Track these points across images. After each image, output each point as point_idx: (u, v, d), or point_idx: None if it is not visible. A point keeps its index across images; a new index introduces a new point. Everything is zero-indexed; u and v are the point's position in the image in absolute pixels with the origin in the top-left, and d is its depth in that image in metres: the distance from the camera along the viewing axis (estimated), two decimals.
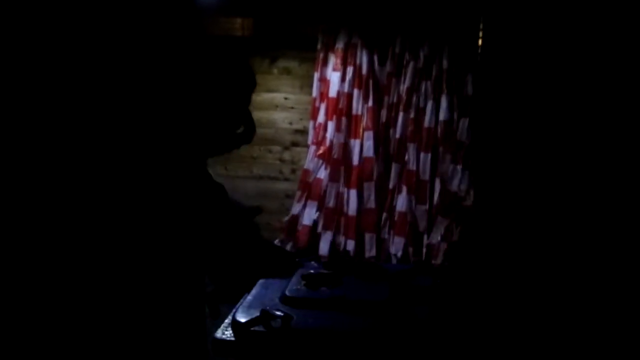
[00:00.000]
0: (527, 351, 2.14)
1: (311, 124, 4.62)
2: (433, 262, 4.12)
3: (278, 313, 2.01)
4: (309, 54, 4.61)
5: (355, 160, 4.46)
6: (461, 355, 1.97)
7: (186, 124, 1.61)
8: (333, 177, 4.48)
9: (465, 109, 4.29)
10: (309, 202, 4.56)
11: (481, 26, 3.96)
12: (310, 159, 4.59)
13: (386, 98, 4.49)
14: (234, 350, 2.06)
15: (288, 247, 4.50)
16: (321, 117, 4.55)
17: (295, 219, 4.59)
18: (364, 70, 4.44)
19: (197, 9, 1.76)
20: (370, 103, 4.42)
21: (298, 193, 4.64)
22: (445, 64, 4.30)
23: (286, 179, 4.95)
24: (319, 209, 4.53)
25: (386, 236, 4.43)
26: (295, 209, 4.62)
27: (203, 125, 1.70)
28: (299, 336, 1.97)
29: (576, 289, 2.70)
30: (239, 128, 1.79)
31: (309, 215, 4.54)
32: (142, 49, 1.46)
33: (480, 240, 3.37)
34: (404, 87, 4.40)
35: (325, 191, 4.51)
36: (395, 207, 4.41)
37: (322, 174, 4.54)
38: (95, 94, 1.37)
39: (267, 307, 2.05)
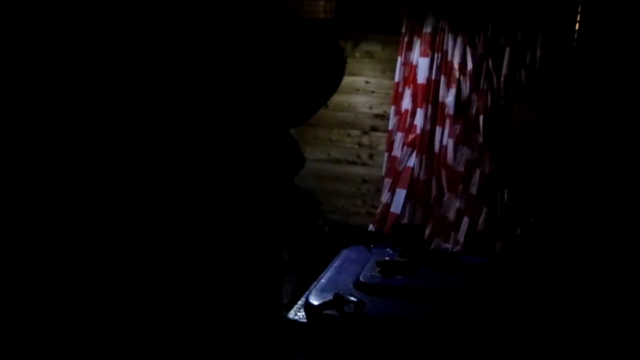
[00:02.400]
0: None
1: (392, 109, 4.54)
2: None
3: (352, 298, 2.00)
4: (393, 38, 4.51)
5: (436, 148, 4.37)
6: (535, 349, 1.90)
7: (275, 98, 1.62)
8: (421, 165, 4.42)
9: None
10: (397, 190, 4.50)
11: (579, 10, 3.74)
12: (397, 147, 4.51)
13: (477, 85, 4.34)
14: (305, 332, 2.07)
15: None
16: (407, 104, 4.46)
17: (386, 207, 4.55)
18: (451, 57, 4.31)
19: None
20: (453, 92, 4.30)
21: (387, 181, 4.59)
22: (538, 51, 4.11)
23: (363, 164, 4.90)
24: (407, 197, 4.47)
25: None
26: (385, 197, 4.58)
27: (291, 100, 1.71)
28: (371, 322, 1.96)
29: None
30: (322, 106, 1.79)
31: (397, 203, 4.48)
32: (233, 31, 1.47)
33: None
34: (501, 75, 4.24)
35: (414, 179, 4.45)
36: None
37: (412, 162, 4.47)
38: (193, 71, 1.39)
39: (341, 292, 2.05)
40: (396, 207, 4.45)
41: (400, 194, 4.49)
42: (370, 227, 4.46)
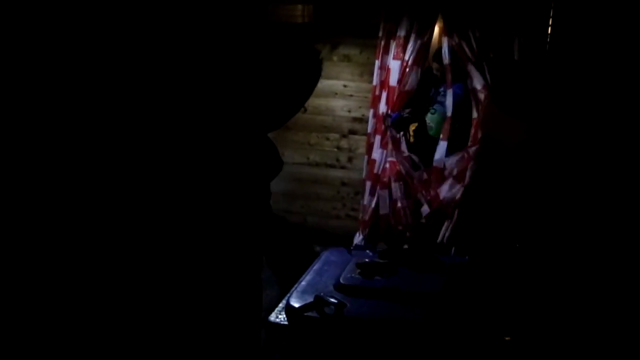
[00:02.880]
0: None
1: (371, 112, 4.57)
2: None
3: (332, 300, 2.01)
4: (370, 41, 4.55)
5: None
6: (516, 347, 1.93)
7: (254, 101, 1.63)
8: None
9: None
10: (380, 192, 4.53)
11: (551, 14, 3.81)
12: (375, 149, 4.52)
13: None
14: (286, 334, 2.08)
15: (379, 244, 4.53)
16: (382, 106, 4.50)
17: (372, 210, 4.58)
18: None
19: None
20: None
21: (368, 184, 4.61)
22: (516, 55, 4.18)
23: (342, 167, 4.93)
24: (389, 198, 4.51)
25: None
26: (367, 200, 4.61)
27: (268, 104, 1.72)
28: (351, 324, 1.98)
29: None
30: (299, 109, 1.81)
31: (384, 204, 4.50)
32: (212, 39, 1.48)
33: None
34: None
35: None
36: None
37: (389, 163, 4.50)
38: (171, 79, 1.40)
39: (321, 294, 2.06)
40: (384, 208, 4.48)
41: (384, 194, 4.52)
42: (359, 236, 4.47)
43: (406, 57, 4.36)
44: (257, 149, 1.73)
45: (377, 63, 4.54)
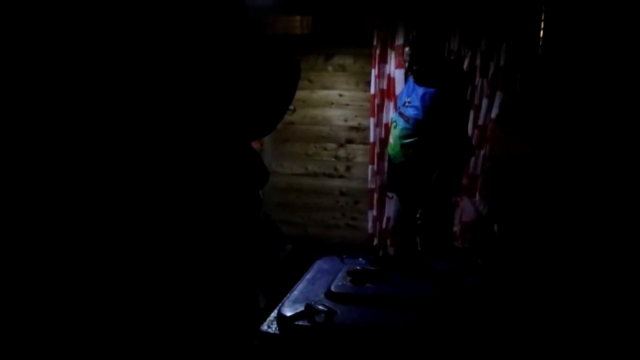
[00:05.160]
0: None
1: (372, 121, 4.57)
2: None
3: (322, 308, 2.02)
4: (364, 50, 4.58)
5: None
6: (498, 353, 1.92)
7: (231, 111, 1.65)
8: None
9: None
10: (388, 201, 4.57)
11: (542, 17, 3.82)
12: (384, 158, 4.51)
13: None
14: (278, 344, 2.08)
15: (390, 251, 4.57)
16: (389, 116, 4.49)
17: (384, 219, 4.62)
18: None
19: (242, 9, 1.78)
20: None
21: (376, 195, 4.62)
22: (502, 61, 4.20)
23: (341, 176, 4.94)
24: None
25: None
26: (377, 211, 4.64)
27: (248, 112, 1.73)
28: (342, 331, 1.98)
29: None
30: (283, 115, 1.82)
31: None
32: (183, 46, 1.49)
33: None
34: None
35: None
36: None
37: None
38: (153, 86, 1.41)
39: (312, 302, 2.06)
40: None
41: (390, 203, 4.54)
42: (389, 248, 4.49)
43: None
44: (242, 157, 1.74)
45: (374, 72, 4.56)
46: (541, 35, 3.82)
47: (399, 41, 4.43)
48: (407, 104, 3.61)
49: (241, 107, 1.64)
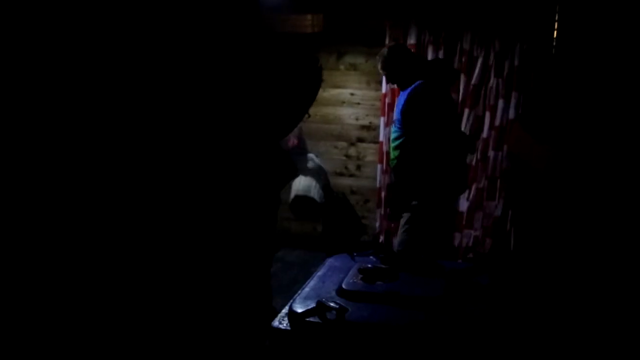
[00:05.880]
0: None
1: (382, 120, 4.59)
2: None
3: (333, 305, 2.04)
4: (375, 49, 4.59)
5: None
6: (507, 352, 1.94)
7: (256, 112, 1.67)
8: None
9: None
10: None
11: (556, 18, 3.81)
12: None
13: (453, 95, 4.43)
14: (290, 340, 2.11)
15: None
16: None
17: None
18: None
19: (258, 9, 1.80)
20: None
21: (383, 194, 4.65)
22: (517, 61, 4.20)
23: (351, 175, 4.96)
24: None
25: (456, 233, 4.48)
26: (384, 209, 4.66)
27: (272, 113, 1.76)
28: (352, 328, 2.00)
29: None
30: (303, 117, 1.85)
31: None
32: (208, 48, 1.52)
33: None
34: (471, 84, 4.35)
35: None
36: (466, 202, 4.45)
37: None
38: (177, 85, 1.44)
39: (323, 299, 2.09)
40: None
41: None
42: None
43: None
44: (264, 156, 1.76)
45: None
46: (555, 35, 3.81)
47: (411, 40, 4.45)
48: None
49: (262, 108, 1.67)
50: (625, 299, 2.51)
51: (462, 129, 4.31)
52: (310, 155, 4.82)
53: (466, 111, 4.39)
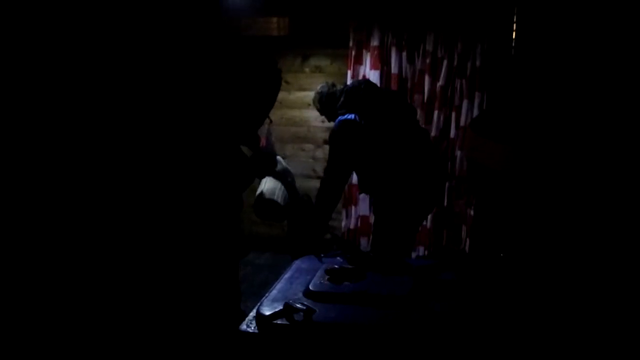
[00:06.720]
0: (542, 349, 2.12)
1: None
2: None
3: (300, 306, 2.03)
4: (340, 51, 4.62)
5: None
6: (476, 350, 1.96)
7: (217, 115, 1.67)
8: None
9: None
10: (361, 198, 4.61)
11: (515, 19, 3.88)
12: None
13: (417, 96, 4.48)
14: (258, 343, 2.10)
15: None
16: None
17: (354, 218, 4.66)
18: (395, 69, 4.44)
19: (220, 12, 1.80)
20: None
21: (345, 195, 4.67)
22: (478, 61, 4.27)
23: (319, 177, 4.96)
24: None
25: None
26: (363, 209, 4.68)
27: (232, 115, 1.75)
28: (320, 329, 2.00)
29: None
30: (265, 121, 1.85)
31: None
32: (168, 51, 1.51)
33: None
34: (437, 86, 4.41)
35: None
36: None
37: None
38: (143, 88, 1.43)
39: (291, 301, 2.08)
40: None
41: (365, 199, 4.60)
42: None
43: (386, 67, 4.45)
44: (225, 159, 1.75)
45: (349, 73, 4.61)
46: (514, 35, 3.88)
47: (374, 42, 4.48)
48: None
49: (223, 111, 1.67)
50: (589, 293, 2.56)
51: (432, 130, 4.36)
52: (278, 158, 4.82)
53: (435, 112, 4.44)
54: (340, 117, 3.27)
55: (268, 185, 4.57)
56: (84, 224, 1.33)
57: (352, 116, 3.24)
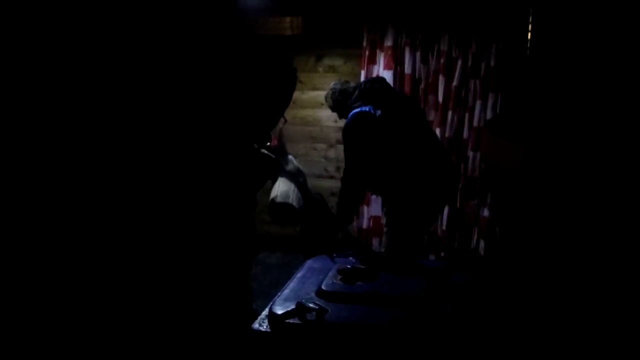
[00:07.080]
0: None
1: None
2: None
3: (313, 306, 2.03)
4: (354, 51, 4.61)
5: None
6: (487, 352, 1.95)
7: (233, 114, 1.67)
8: None
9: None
10: (373, 199, 4.60)
11: (530, 20, 3.85)
12: None
13: (431, 97, 4.46)
14: (270, 342, 2.10)
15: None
16: None
17: (377, 219, 4.66)
18: (409, 69, 4.43)
19: (237, 12, 1.81)
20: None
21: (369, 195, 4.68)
22: (493, 62, 4.24)
23: (331, 177, 4.96)
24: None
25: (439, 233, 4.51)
26: (375, 210, 4.68)
27: (247, 115, 1.76)
28: (332, 329, 1.99)
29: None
30: (280, 120, 1.84)
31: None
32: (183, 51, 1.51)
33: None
34: (452, 86, 4.38)
35: None
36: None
37: None
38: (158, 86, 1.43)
39: (303, 301, 2.08)
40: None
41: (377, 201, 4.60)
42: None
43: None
44: (240, 159, 1.76)
45: (363, 73, 4.60)
46: (529, 35, 3.85)
47: (388, 42, 4.47)
48: None
49: (239, 110, 1.67)
50: (605, 297, 2.54)
51: (446, 131, 4.34)
52: (290, 157, 4.83)
53: (449, 113, 4.42)
54: (354, 110, 3.27)
55: (281, 188, 4.58)
56: (96, 225, 1.33)
57: (367, 108, 3.25)
